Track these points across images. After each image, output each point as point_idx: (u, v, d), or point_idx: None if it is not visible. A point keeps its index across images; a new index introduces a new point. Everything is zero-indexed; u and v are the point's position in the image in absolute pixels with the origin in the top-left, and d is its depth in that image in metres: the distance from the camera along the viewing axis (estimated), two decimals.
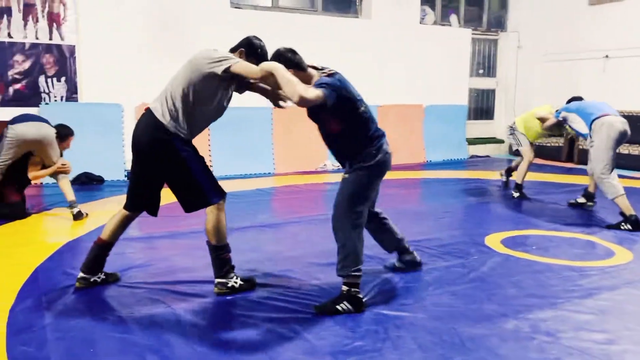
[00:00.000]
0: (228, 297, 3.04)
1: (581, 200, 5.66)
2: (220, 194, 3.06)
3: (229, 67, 2.84)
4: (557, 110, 5.51)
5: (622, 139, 4.86)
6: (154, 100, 3.00)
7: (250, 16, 7.89)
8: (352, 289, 2.90)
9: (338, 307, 2.86)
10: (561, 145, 9.30)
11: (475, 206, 5.76)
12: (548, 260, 3.81)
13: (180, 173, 2.96)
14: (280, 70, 2.74)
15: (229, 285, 3.09)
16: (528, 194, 6.14)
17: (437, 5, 9.80)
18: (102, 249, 3.17)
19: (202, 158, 3.04)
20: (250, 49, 3.05)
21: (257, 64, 2.90)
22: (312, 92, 2.68)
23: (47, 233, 4.63)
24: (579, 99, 5.62)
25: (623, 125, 4.86)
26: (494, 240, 4.30)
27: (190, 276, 3.38)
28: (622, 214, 4.76)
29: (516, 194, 6.09)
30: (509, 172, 6.74)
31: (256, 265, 3.60)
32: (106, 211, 4.80)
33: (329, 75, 2.90)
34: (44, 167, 4.94)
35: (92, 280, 3.17)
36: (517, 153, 6.53)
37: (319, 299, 3.01)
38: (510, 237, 4.42)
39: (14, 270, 3.46)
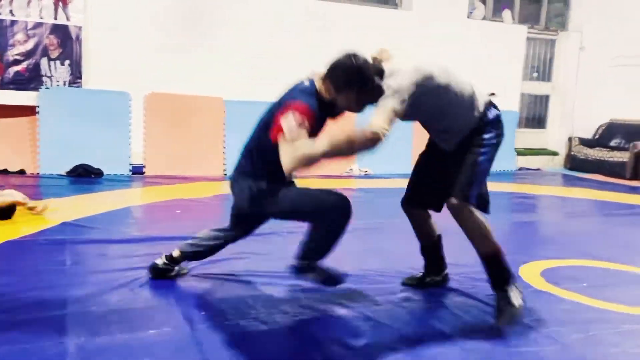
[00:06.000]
0: None
1: None
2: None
3: None
4: None
5: None
6: None
7: (274, 2, 7.15)
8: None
9: None
10: (625, 160, 8.08)
11: (515, 226, 4.75)
12: (603, 306, 2.84)
13: None
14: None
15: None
16: (580, 214, 5.09)
17: None
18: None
19: None
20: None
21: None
22: None
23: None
24: None
25: None
26: (531, 271, 3.35)
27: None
28: None
29: None
30: None
31: None
32: (74, 207, 4.14)
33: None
34: None
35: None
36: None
37: None
38: (554, 269, 3.45)
39: None
